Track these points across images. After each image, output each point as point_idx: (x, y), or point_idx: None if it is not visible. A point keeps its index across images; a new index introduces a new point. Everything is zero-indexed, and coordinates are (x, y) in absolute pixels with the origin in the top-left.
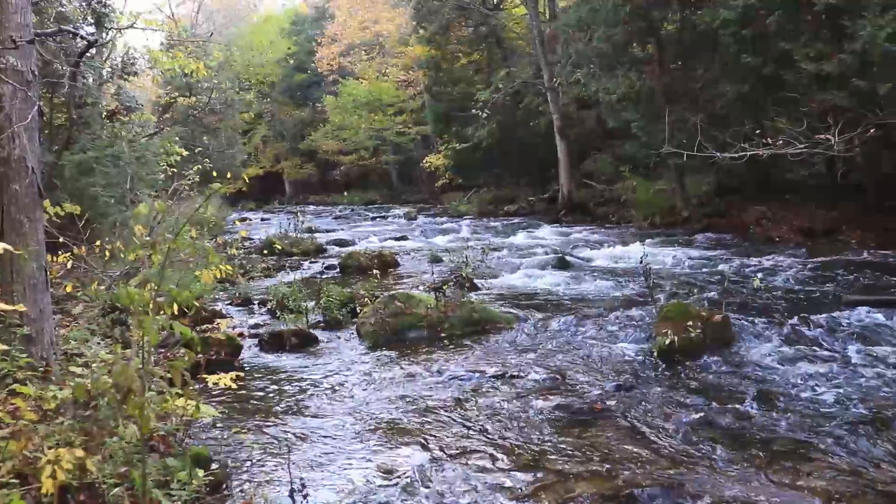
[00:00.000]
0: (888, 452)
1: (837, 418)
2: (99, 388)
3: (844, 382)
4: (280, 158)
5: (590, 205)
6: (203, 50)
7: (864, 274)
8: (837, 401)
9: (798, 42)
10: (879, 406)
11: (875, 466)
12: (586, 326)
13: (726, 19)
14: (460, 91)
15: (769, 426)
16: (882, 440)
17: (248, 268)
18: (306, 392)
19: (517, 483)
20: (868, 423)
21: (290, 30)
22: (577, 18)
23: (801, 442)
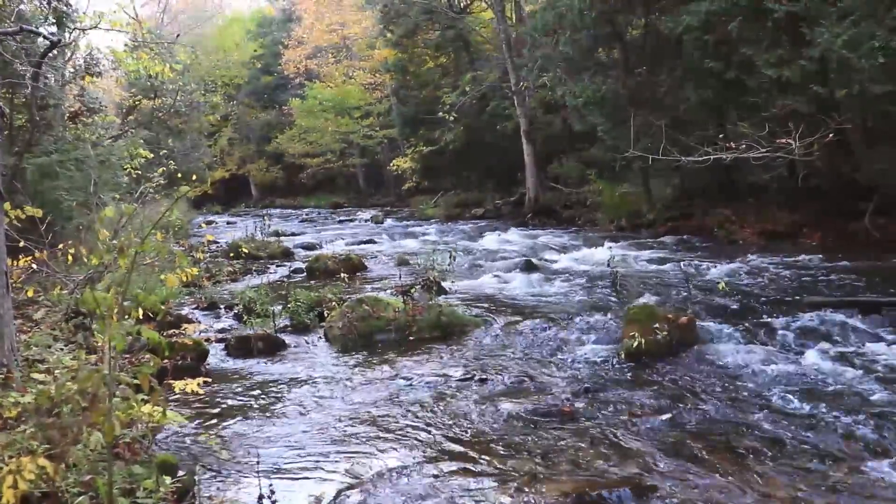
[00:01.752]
0: (848, 451)
1: (800, 418)
2: (63, 394)
3: (807, 382)
4: (246, 161)
5: (556, 208)
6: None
7: (824, 275)
8: (800, 401)
9: (759, 48)
10: (840, 406)
11: (836, 465)
12: (554, 329)
13: (689, 25)
14: (427, 94)
15: (735, 427)
16: (842, 439)
17: (215, 272)
18: (274, 397)
19: (486, 485)
20: (829, 423)
21: (257, 32)
22: (544, 23)
23: (765, 442)
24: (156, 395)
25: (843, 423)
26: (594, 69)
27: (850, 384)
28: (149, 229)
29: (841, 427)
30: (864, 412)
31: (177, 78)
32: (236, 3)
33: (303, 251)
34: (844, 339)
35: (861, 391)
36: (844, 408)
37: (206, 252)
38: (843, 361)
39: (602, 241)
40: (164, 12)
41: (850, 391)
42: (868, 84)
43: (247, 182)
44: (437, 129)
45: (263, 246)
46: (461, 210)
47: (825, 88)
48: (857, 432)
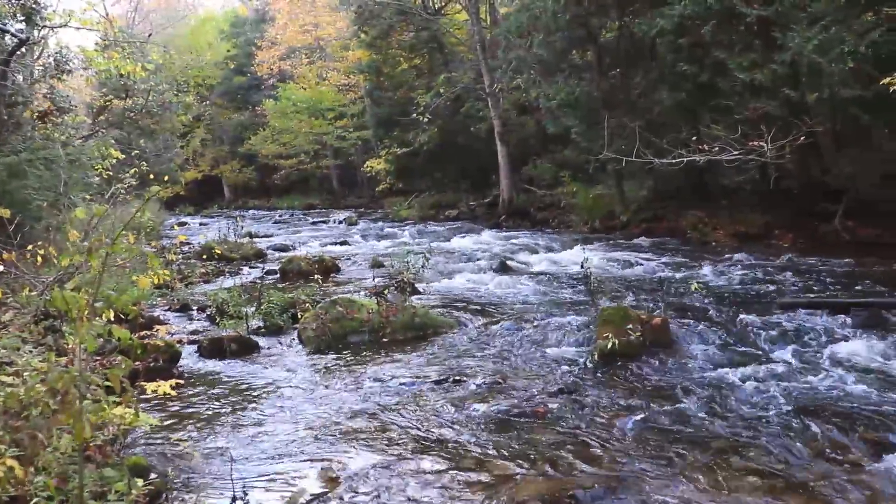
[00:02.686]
0: (819, 450)
1: (772, 418)
2: (32, 396)
3: (778, 382)
4: (219, 162)
5: (530, 209)
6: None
7: (796, 276)
8: (772, 400)
9: (732, 52)
10: (811, 405)
11: (807, 464)
12: (528, 330)
13: (663, 28)
14: (401, 96)
15: (708, 426)
16: (813, 439)
17: (187, 273)
18: (247, 399)
19: (461, 486)
20: (800, 423)
21: (230, 32)
22: (518, 25)
23: (737, 441)
24: (127, 396)
25: (813, 423)
26: (568, 71)
27: (820, 384)
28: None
29: (812, 426)
30: (833, 412)
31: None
32: (209, 3)
33: (276, 253)
34: (815, 339)
35: (831, 391)
36: (815, 407)
37: (179, 253)
38: (813, 361)
39: (576, 243)
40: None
41: (820, 391)
42: (838, 88)
43: (220, 183)
44: (411, 130)
45: (236, 247)
46: (435, 211)
47: (796, 92)
48: (827, 432)
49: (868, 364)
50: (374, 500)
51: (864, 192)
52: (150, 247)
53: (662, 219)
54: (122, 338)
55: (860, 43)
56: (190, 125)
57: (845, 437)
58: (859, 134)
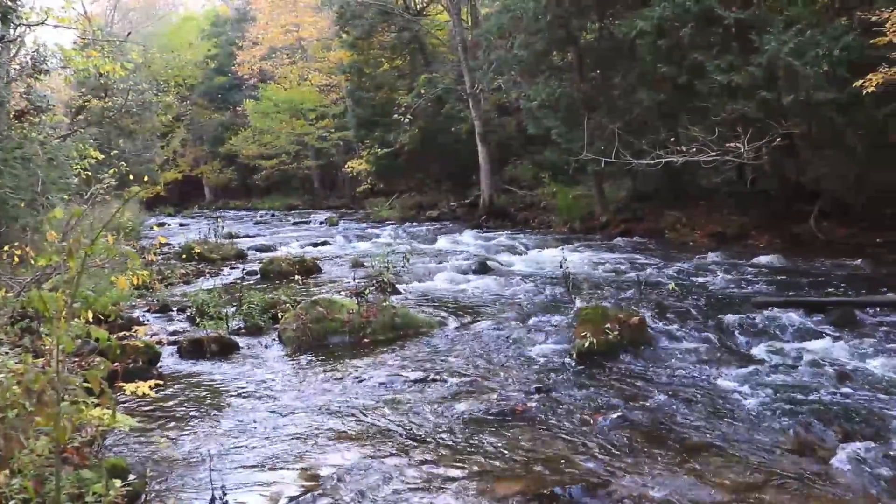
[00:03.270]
0: (795, 445)
1: (748, 414)
2: (8, 398)
3: (754, 380)
4: (199, 162)
5: (511, 210)
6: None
7: (772, 276)
8: (747, 397)
9: (710, 54)
10: (786, 402)
11: (783, 459)
12: (507, 330)
13: (642, 30)
14: (383, 96)
15: (685, 423)
16: (789, 434)
17: (167, 274)
18: (228, 399)
19: (440, 485)
20: (776, 418)
21: (211, 31)
22: (499, 26)
23: (714, 437)
24: (105, 397)
25: (789, 419)
26: (548, 72)
27: (796, 381)
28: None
29: (787, 422)
30: (809, 408)
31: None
32: (189, 2)
33: (257, 253)
34: (790, 337)
35: (806, 387)
36: (791, 404)
37: (159, 254)
38: (789, 359)
39: (555, 243)
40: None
41: (796, 388)
42: (813, 91)
43: (200, 183)
44: (393, 131)
45: (217, 248)
46: (416, 212)
47: (772, 94)
48: (802, 427)
49: (841, 361)
50: (354, 499)
51: (838, 193)
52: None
53: (641, 219)
54: (100, 338)
55: (834, 46)
56: (170, 125)
57: (818, 432)
58: (834, 136)
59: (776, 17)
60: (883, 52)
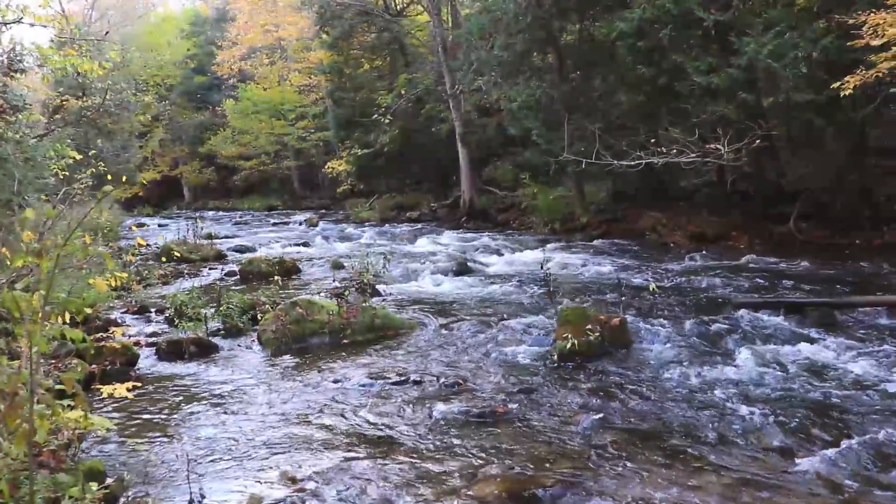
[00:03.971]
0: (773, 446)
1: (727, 415)
2: None
3: (734, 381)
4: (179, 162)
5: (491, 211)
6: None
7: (751, 277)
8: (727, 398)
9: (689, 55)
10: (765, 402)
11: (762, 459)
12: (488, 331)
13: (622, 32)
14: (363, 97)
15: (666, 424)
16: (767, 434)
17: (145, 275)
18: (207, 401)
19: (421, 486)
20: (755, 419)
21: (190, 31)
22: (479, 26)
23: (694, 438)
24: (80, 399)
25: (768, 419)
26: (529, 73)
27: (775, 382)
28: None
29: (766, 423)
30: (788, 409)
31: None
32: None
33: (236, 254)
34: (770, 338)
35: (785, 388)
36: (769, 405)
37: (137, 255)
38: (768, 360)
39: (536, 244)
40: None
41: (775, 388)
42: (792, 93)
43: (179, 184)
44: (373, 131)
45: (196, 249)
46: (396, 213)
47: (752, 96)
48: (781, 428)
49: (821, 362)
50: (334, 501)
51: (817, 195)
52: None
53: (622, 220)
54: (75, 339)
55: (813, 49)
56: (149, 125)
57: (798, 432)
58: (813, 137)
59: (755, 19)
60: (860, 55)
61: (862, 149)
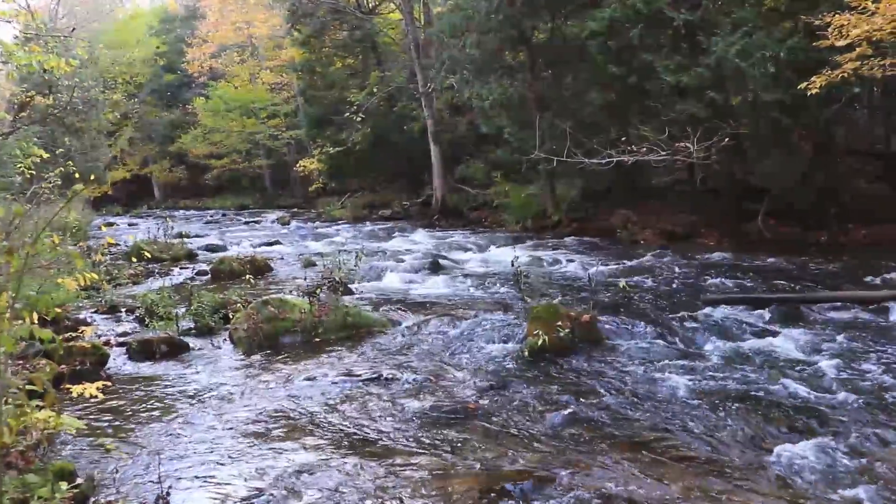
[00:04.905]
0: (740, 440)
1: (696, 409)
2: None
3: (702, 375)
4: (149, 161)
5: (463, 209)
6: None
7: (720, 274)
8: (695, 393)
9: (659, 54)
10: (733, 396)
11: (729, 453)
12: (460, 328)
13: (593, 31)
14: (335, 95)
15: (635, 419)
16: (734, 429)
17: (115, 274)
18: (178, 400)
19: (392, 483)
20: (722, 414)
21: (159, 28)
22: (451, 25)
23: (662, 433)
24: (49, 397)
25: (735, 414)
26: (501, 72)
27: (742, 377)
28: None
29: (733, 417)
30: (753, 403)
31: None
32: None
33: (207, 253)
34: (737, 333)
35: (752, 383)
36: (736, 399)
37: (107, 254)
38: (735, 355)
39: (508, 242)
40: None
41: (742, 383)
42: (759, 92)
43: (149, 183)
44: (345, 130)
45: (166, 248)
46: (369, 211)
47: (721, 95)
48: (747, 422)
49: (787, 357)
50: (305, 500)
51: (784, 192)
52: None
53: (593, 218)
54: (44, 339)
55: (780, 49)
56: (118, 123)
57: (763, 426)
58: (780, 136)
59: (724, 19)
60: (826, 55)
61: (828, 148)
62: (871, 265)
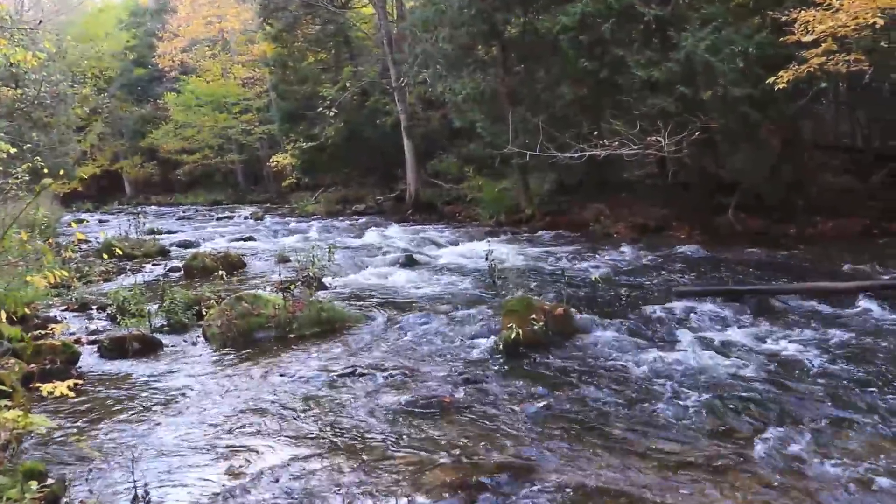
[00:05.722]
0: (711, 430)
1: (669, 401)
2: None
3: (674, 368)
4: (119, 157)
5: (437, 204)
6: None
7: (691, 266)
8: (668, 386)
9: (630, 49)
10: (705, 388)
11: (701, 443)
12: (434, 322)
13: (565, 25)
14: (307, 90)
15: (608, 411)
16: (706, 420)
17: (86, 272)
18: (151, 398)
19: (367, 477)
20: (694, 405)
21: (129, 22)
22: (424, 19)
23: (636, 424)
24: (18, 396)
25: (708, 405)
26: (473, 66)
27: (713, 368)
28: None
29: (706, 409)
30: (727, 394)
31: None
32: None
33: (180, 249)
34: (709, 325)
35: (723, 374)
36: (709, 391)
37: (77, 251)
38: (707, 347)
39: (481, 236)
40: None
41: (713, 375)
42: (729, 86)
43: (120, 179)
44: (317, 124)
45: (138, 244)
46: (342, 206)
47: (691, 90)
48: (719, 413)
49: (756, 348)
50: (281, 494)
51: (754, 186)
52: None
53: (566, 212)
54: (12, 336)
55: (748, 44)
56: (87, 118)
57: (735, 417)
58: (749, 130)
59: (693, 14)
60: (793, 51)
61: (795, 142)
62: (837, 257)
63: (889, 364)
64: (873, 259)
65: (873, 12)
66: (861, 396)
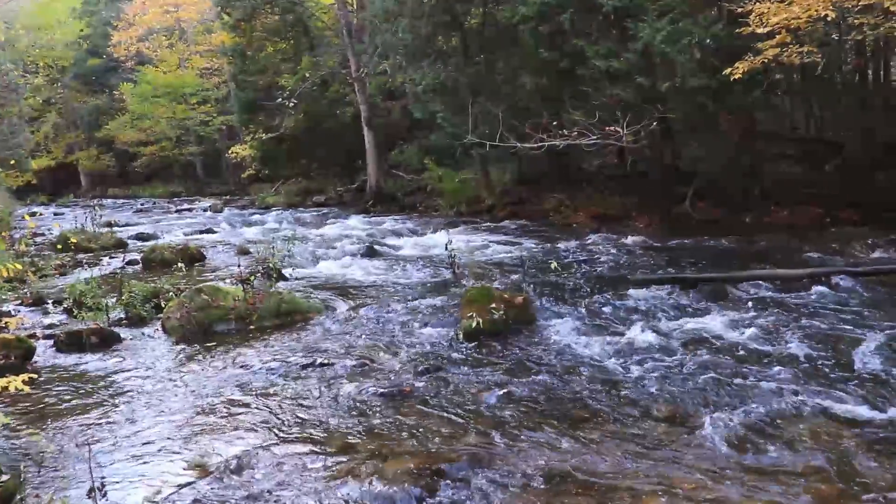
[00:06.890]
0: (668, 413)
1: (625, 388)
2: None
3: (630, 354)
4: (74, 149)
5: (398, 195)
6: None
7: (649, 255)
8: (625, 372)
9: (590, 40)
10: (660, 375)
11: (657, 427)
12: (395, 313)
13: (525, 16)
14: (267, 80)
15: (567, 398)
16: (661, 406)
17: (41, 265)
18: (109, 392)
19: (329, 466)
20: (651, 390)
21: (83, 10)
22: (384, 9)
23: (594, 410)
24: None
25: (663, 391)
26: (434, 57)
27: (669, 354)
28: None
29: (661, 394)
30: (681, 380)
31: None
32: None
33: (138, 242)
34: (665, 313)
35: (678, 361)
36: (664, 377)
37: (31, 245)
38: (662, 333)
39: (442, 227)
40: None
41: (670, 361)
42: (686, 77)
43: (76, 171)
44: (277, 115)
45: (95, 237)
46: (303, 198)
47: (649, 80)
48: (674, 398)
49: (713, 334)
50: (243, 486)
51: (712, 176)
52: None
53: (526, 202)
54: None
55: (705, 35)
56: (40, 109)
57: (689, 402)
58: (707, 120)
59: (651, 5)
60: (749, 42)
61: (751, 132)
62: (791, 245)
63: (839, 348)
64: (826, 246)
65: (825, 5)
66: (811, 381)
